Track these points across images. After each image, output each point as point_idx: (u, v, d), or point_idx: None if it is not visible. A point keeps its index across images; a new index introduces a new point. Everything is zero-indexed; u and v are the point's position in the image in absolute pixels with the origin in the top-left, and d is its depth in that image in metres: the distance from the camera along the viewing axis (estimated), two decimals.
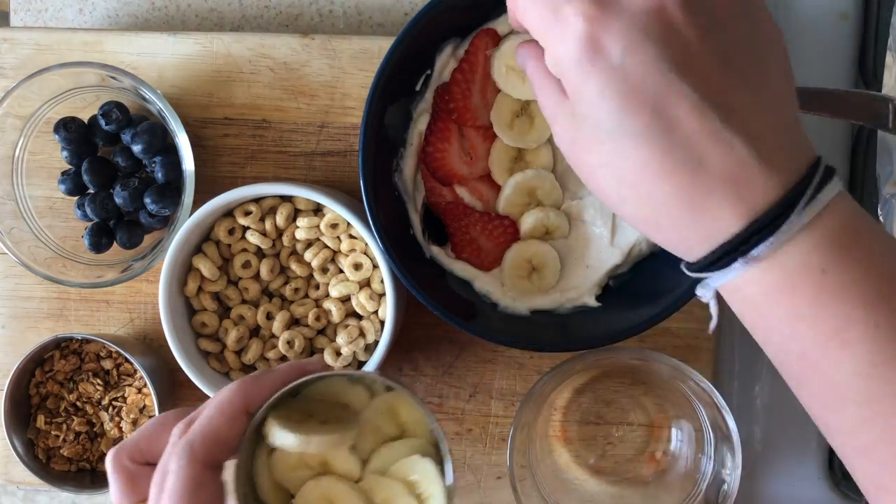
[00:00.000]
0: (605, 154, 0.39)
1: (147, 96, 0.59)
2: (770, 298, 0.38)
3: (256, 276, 0.59)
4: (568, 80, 0.39)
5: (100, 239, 0.61)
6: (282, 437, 0.41)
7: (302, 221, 0.57)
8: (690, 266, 0.40)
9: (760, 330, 0.39)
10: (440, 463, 0.43)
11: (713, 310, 0.42)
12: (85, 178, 0.60)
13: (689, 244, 0.39)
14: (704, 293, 0.41)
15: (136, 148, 0.59)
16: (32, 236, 0.61)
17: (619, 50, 0.37)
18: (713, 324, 0.43)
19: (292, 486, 0.44)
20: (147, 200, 0.59)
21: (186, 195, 0.59)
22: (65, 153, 0.61)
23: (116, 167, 0.61)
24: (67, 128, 0.60)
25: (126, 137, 0.60)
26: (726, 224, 0.37)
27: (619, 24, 0.37)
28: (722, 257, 0.38)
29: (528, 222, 0.56)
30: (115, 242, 0.61)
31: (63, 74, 0.59)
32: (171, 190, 0.60)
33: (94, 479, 0.61)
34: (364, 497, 0.43)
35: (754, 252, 0.37)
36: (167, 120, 0.59)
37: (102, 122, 0.60)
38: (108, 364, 0.61)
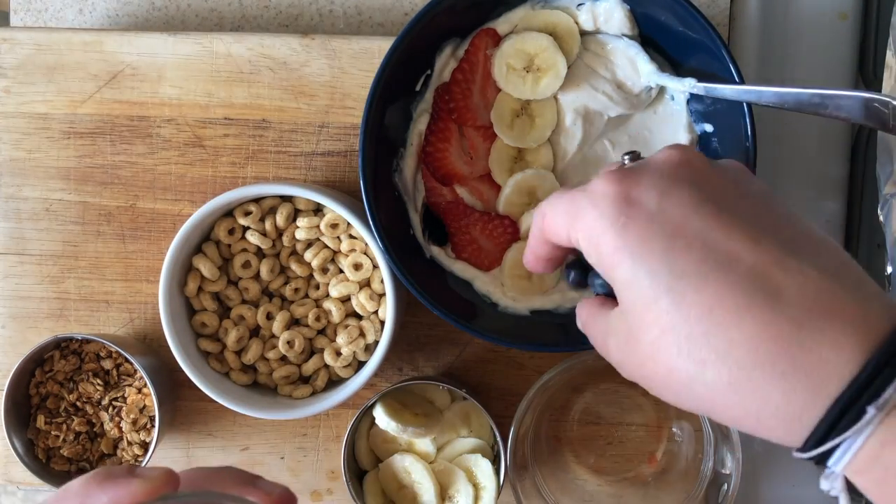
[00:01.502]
0: (664, 314, 0.33)
1: None
2: None
3: (256, 276, 0.59)
4: (605, 249, 0.35)
5: None
6: (386, 421, 0.55)
7: (302, 221, 0.57)
8: (805, 447, 0.32)
9: None
10: (496, 463, 0.58)
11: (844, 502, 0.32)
12: None
13: (793, 408, 0.31)
14: (832, 484, 0.32)
15: None
16: None
17: (654, 197, 0.35)
18: None
19: (381, 454, 0.59)
20: None
21: None
22: None
23: None
24: None
25: None
26: (838, 361, 0.31)
27: (648, 177, 0.35)
28: (846, 411, 0.30)
29: (528, 222, 0.56)
30: None
31: None
32: None
33: None
34: (434, 475, 0.58)
35: (886, 394, 0.30)
36: None
37: None
38: (108, 364, 0.61)
